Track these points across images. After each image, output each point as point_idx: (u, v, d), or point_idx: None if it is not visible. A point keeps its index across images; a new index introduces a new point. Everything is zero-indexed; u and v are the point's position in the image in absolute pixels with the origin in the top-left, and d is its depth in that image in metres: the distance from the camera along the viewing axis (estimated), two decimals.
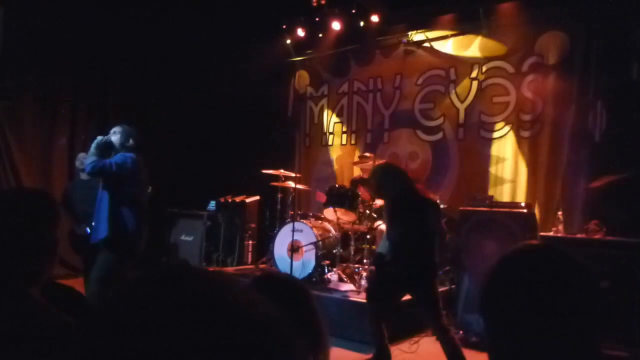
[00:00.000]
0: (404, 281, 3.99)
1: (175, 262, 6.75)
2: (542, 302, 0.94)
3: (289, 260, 5.85)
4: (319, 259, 5.93)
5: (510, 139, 6.48)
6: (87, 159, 4.08)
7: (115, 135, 4.18)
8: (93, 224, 4.19)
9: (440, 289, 5.78)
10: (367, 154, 6.60)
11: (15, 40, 6.89)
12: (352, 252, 6.18)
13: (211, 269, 6.75)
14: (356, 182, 6.62)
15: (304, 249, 5.93)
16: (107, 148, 4.15)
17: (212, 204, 7.73)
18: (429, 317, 4.10)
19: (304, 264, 5.93)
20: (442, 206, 6.31)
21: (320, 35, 7.80)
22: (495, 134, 6.60)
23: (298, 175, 6.73)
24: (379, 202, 6.39)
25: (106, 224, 4.04)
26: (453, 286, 5.58)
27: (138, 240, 4.16)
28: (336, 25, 7.49)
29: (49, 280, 1.81)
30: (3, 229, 1.44)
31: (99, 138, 4.16)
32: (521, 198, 6.17)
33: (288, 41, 8.01)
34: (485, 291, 1.03)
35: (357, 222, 6.06)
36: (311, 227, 6.02)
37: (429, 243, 3.96)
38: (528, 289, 0.96)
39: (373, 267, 4.84)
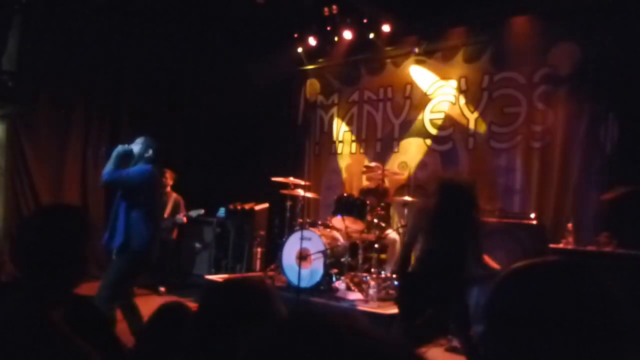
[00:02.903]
0: (434, 295, 3.86)
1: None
2: (558, 321, 0.88)
3: (297, 268, 5.85)
4: (327, 267, 5.93)
5: (521, 149, 6.45)
6: (105, 167, 4.15)
7: (136, 146, 4.25)
8: (108, 232, 4.23)
9: None
10: (373, 164, 6.61)
11: (31, 49, 6.99)
12: (361, 261, 6.17)
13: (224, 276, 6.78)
14: (365, 191, 6.63)
15: (312, 257, 5.93)
16: (126, 157, 4.21)
17: (221, 211, 7.76)
18: (458, 332, 4.07)
19: (312, 273, 5.92)
20: None
21: (332, 44, 7.84)
22: (506, 145, 6.58)
23: (307, 183, 6.75)
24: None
25: (122, 231, 4.10)
26: None
27: (150, 251, 4.20)
28: (347, 35, 7.53)
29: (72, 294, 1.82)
30: (39, 246, 1.43)
31: (120, 147, 4.22)
32: (531, 209, 6.13)
33: (299, 50, 8.06)
34: (491, 305, 0.97)
35: (366, 231, 6.06)
36: (320, 236, 6.02)
37: (461, 259, 3.83)
38: (541, 307, 0.90)
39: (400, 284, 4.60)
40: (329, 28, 7.58)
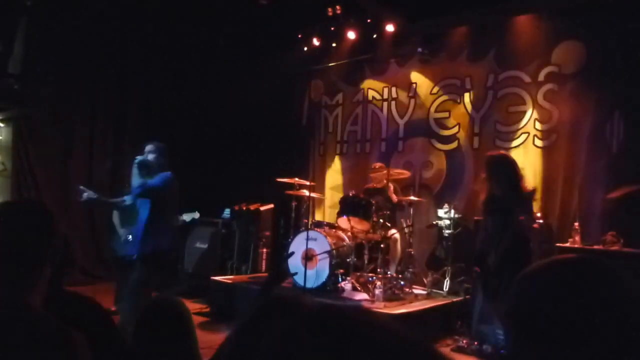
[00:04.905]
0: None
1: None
2: (581, 318, 0.85)
3: (303, 268, 5.85)
4: (332, 267, 5.92)
5: (526, 148, 6.44)
6: (133, 181, 4.20)
7: (151, 155, 4.31)
8: (130, 238, 4.29)
9: (455, 300, 5.77)
10: (379, 165, 6.60)
11: (36, 52, 7.01)
12: (366, 261, 6.16)
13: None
14: (370, 191, 6.62)
15: (318, 257, 5.92)
16: (146, 168, 4.26)
17: (226, 212, 7.76)
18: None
19: (317, 273, 5.92)
20: (456, 215, 6.30)
21: (336, 44, 7.83)
22: (511, 144, 6.57)
23: (312, 183, 6.74)
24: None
25: (148, 238, 4.18)
26: (468, 297, 5.54)
27: (170, 256, 4.28)
28: (351, 35, 7.52)
29: (60, 289, 1.84)
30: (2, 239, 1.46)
31: (139, 159, 4.26)
32: (537, 208, 6.10)
33: (304, 50, 8.05)
34: (514, 308, 0.94)
35: (371, 231, 6.05)
36: (325, 236, 6.02)
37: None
38: (565, 305, 0.87)
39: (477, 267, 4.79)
40: (332, 28, 7.57)
